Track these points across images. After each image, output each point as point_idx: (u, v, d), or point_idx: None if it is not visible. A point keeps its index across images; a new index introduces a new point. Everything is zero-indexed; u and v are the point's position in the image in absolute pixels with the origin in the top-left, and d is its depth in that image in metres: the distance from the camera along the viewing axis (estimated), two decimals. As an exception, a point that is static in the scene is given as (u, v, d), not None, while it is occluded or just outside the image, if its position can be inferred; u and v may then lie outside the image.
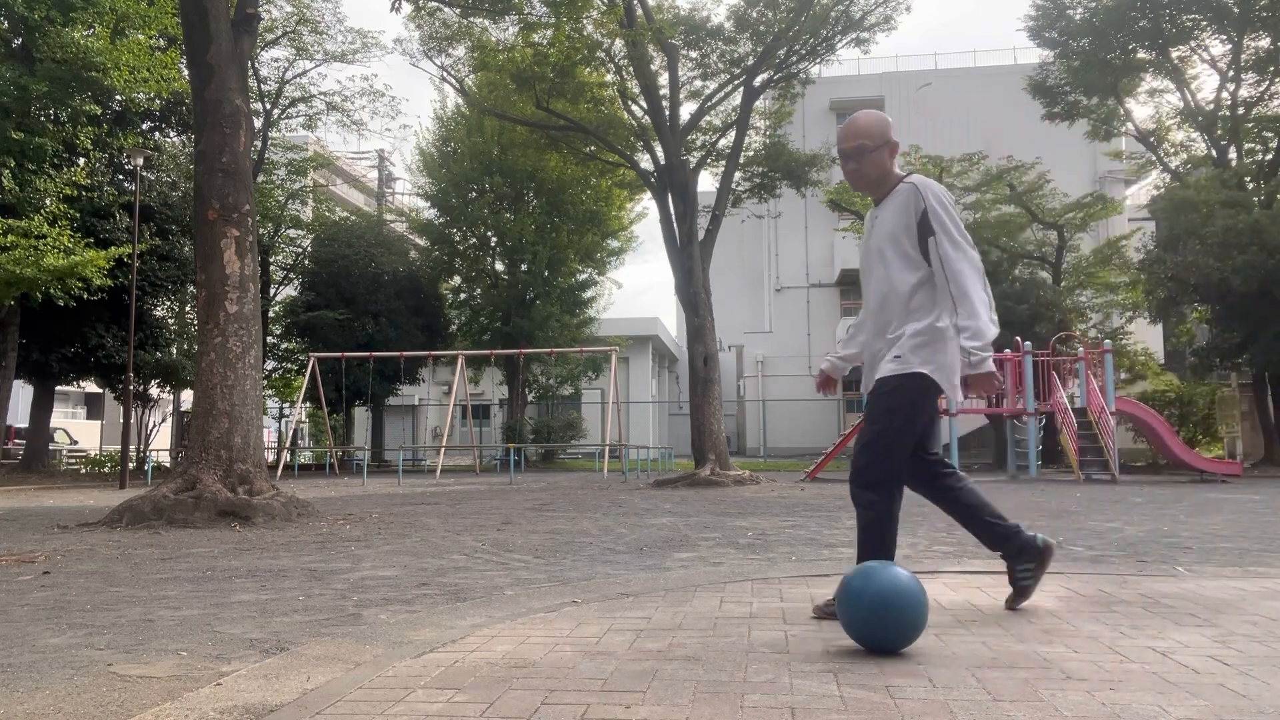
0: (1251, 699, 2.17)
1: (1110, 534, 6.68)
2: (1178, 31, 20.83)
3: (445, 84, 24.54)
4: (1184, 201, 19.46)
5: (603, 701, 2.19)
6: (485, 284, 28.80)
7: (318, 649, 2.89)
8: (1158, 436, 16.68)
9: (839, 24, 17.63)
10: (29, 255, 16.62)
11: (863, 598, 2.69)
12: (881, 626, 2.66)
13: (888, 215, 3.29)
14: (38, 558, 5.89)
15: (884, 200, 3.33)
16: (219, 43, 9.24)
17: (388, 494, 13.37)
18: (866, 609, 2.67)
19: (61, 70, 17.58)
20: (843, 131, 3.35)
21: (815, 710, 2.11)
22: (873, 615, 2.66)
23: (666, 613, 3.34)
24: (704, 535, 6.88)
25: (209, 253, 8.99)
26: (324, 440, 30.33)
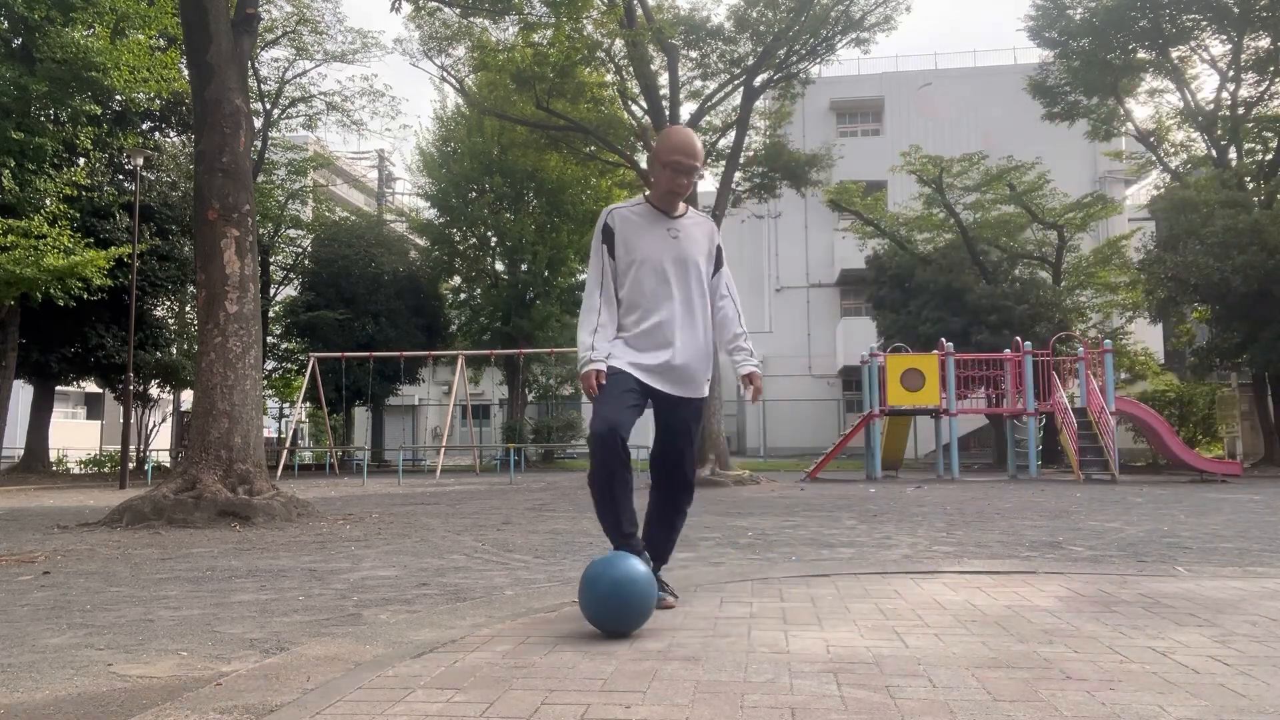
0: (1251, 699, 2.17)
1: (1110, 534, 6.68)
2: (1178, 31, 20.83)
3: (445, 84, 24.58)
4: (1184, 201, 19.46)
5: (603, 701, 2.19)
6: (485, 284, 28.81)
7: (318, 649, 2.89)
8: (1158, 436, 16.68)
9: (839, 24, 17.64)
10: (29, 255, 16.62)
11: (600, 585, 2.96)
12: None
13: (699, 235, 3.54)
14: (38, 558, 5.89)
15: (682, 217, 3.53)
16: (219, 43, 9.24)
17: (388, 494, 13.37)
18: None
19: (61, 70, 17.58)
20: (693, 147, 3.47)
21: (815, 710, 2.11)
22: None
23: (666, 613, 3.34)
24: (704, 535, 6.88)
25: (209, 253, 8.99)
26: (324, 440, 30.33)
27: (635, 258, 3.42)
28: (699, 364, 3.47)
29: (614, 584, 2.91)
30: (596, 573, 2.95)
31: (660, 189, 3.50)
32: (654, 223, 3.48)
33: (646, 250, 3.43)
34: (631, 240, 3.44)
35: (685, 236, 3.49)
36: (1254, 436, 22.52)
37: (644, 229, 3.46)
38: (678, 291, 3.42)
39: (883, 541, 6.22)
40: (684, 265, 3.44)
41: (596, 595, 2.93)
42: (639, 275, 3.41)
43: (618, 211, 3.51)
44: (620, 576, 2.92)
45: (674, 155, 3.44)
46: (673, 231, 3.47)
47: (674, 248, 3.44)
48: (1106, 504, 9.86)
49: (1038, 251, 24.96)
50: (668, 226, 3.48)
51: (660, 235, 3.46)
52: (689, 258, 3.45)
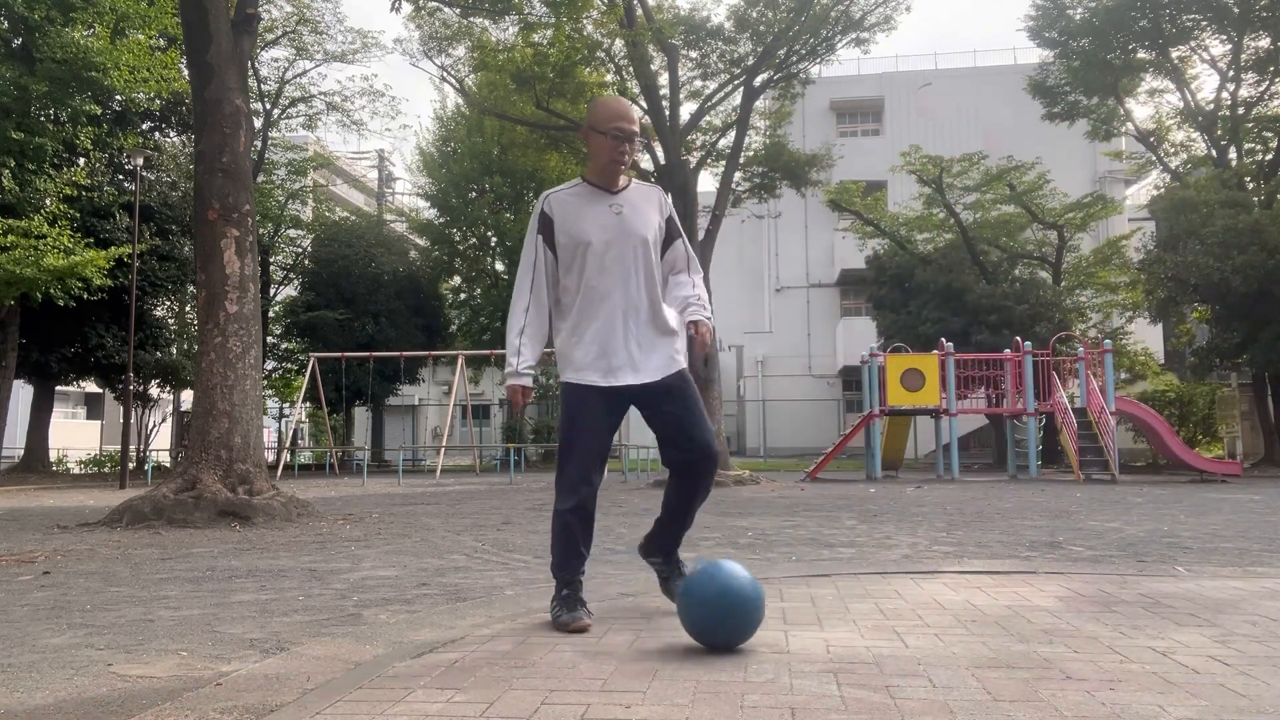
0: (1251, 699, 2.17)
1: (1110, 534, 6.68)
2: (1178, 31, 20.83)
3: (445, 84, 24.58)
4: (1184, 201, 19.46)
5: (603, 701, 2.19)
6: (485, 284, 28.81)
7: (318, 649, 2.89)
8: (1158, 436, 16.68)
9: (839, 24, 17.64)
10: (29, 255, 16.63)
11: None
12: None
13: (646, 208, 3.26)
14: (38, 558, 5.89)
15: (625, 190, 3.26)
16: (219, 43, 9.24)
17: (388, 494, 13.37)
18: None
19: (61, 70, 17.58)
20: (631, 111, 3.25)
21: (815, 710, 2.11)
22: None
23: (666, 613, 3.34)
24: (704, 535, 6.88)
25: (209, 253, 8.99)
26: (324, 440, 30.34)
27: (579, 244, 3.15)
28: (663, 346, 3.21)
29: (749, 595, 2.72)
30: (745, 588, 2.71)
31: (600, 161, 3.23)
32: (595, 202, 3.21)
33: (590, 234, 3.15)
34: (572, 226, 3.17)
35: (631, 211, 3.22)
36: (1254, 436, 22.52)
37: (585, 211, 3.19)
38: (630, 274, 3.17)
39: (883, 541, 6.22)
40: (632, 243, 3.17)
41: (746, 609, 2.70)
42: (584, 262, 3.15)
43: (554, 196, 3.24)
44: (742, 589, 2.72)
45: (614, 122, 3.18)
46: (615, 208, 3.21)
47: (618, 225, 3.18)
48: (1106, 504, 9.86)
49: (1038, 251, 24.96)
50: (609, 203, 3.21)
51: (603, 214, 3.19)
52: (638, 234, 3.18)
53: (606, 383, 3.14)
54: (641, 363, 3.16)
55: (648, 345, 3.18)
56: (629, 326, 3.16)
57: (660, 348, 3.20)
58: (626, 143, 3.19)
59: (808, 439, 32.75)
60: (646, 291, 3.19)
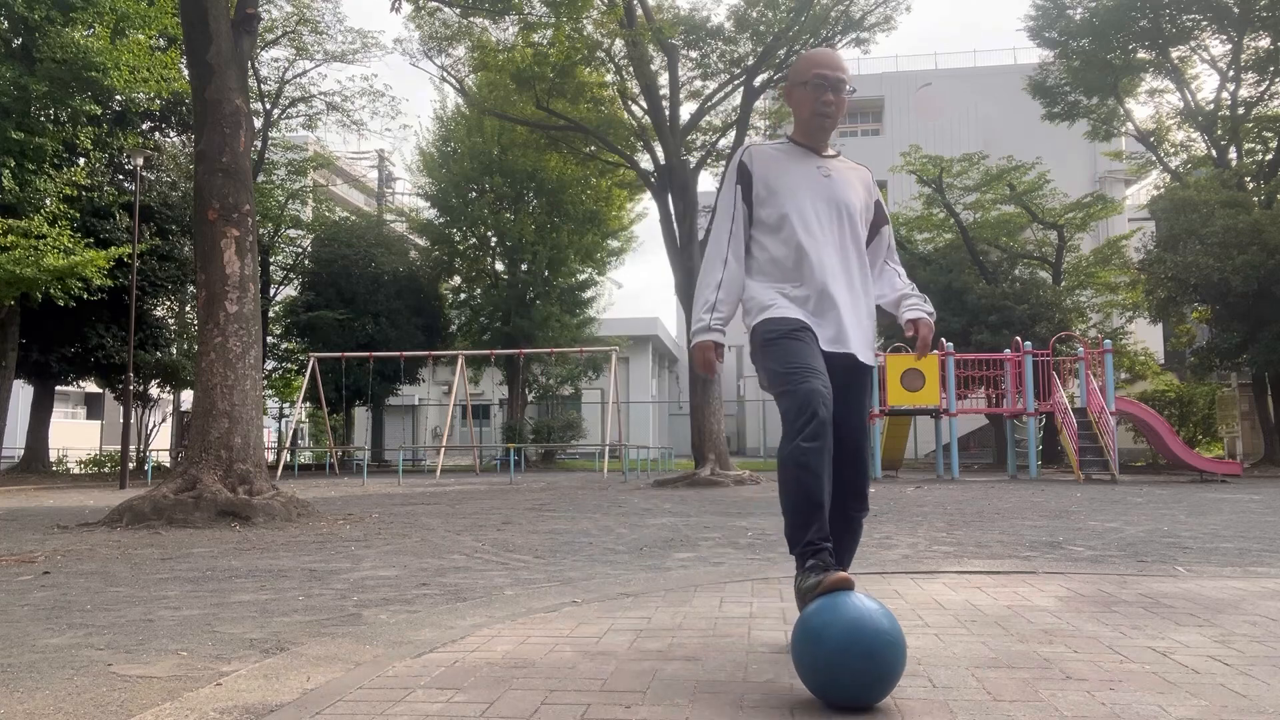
0: (1251, 699, 2.17)
1: (1110, 534, 6.68)
2: (1178, 31, 20.83)
3: (445, 84, 24.58)
4: (1184, 201, 19.46)
5: (603, 701, 2.19)
6: (485, 284, 28.81)
7: (318, 649, 2.89)
8: (1158, 436, 16.68)
9: (839, 24, 17.63)
10: (29, 255, 16.63)
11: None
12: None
13: (855, 181, 2.91)
14: (38, 558, 5.89)
15: (834, 159, 2.92)
16: (219, 43, 9.24)
17: (388, 494, 13.37)
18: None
19: (61, 70, 17.59)
20: (836, 58, 2.87)
21: (815, 710, 2.11)
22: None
23: (666, 613, 3.34)
24: (704, 535, 6.88)
25: (209, 253, 8.98)
26: (324, 440, 30.34)
27: (782, 201, 2.79)
28: (866, 324, 2.82)
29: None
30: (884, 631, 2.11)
31: (803, 116, 2.85)
32: (801, 160, 2.85)
33: (795, 190, 2.79)
34: (776, 180, 2.81)
35: (840, 179, 2.85)
36: (1254, 436, 22.53)
37: (790, 167, 2.84)
38: (835, 239, 2.79)
39: (883, 541, 6.23)
40: (840, 211, 2.80)
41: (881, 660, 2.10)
42: (788, 223, 2.77)
43: (756, 149, 2.89)
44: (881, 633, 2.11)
45: (815, 69, 2.81)
46: (824, 170, 2.85)
47: (827, 188, 2.81)
48: (1106, 504, 9.86)
49: (1038, 251, 24.97)
50: (818, 165, 2.85)
51: (810, 174, 2.83)
52: (846, 202, 2.81)
53: (827, 347, 2.71)
54: (845, 336, 2.74)
55: (851, 316, 2.77)
56: (837, 298, 2.75)
57: (865, 327, 2.82)
58: (831, 92, 2.80)
59: (808, 439, 32.67)
60: (848, 264, 2.80)
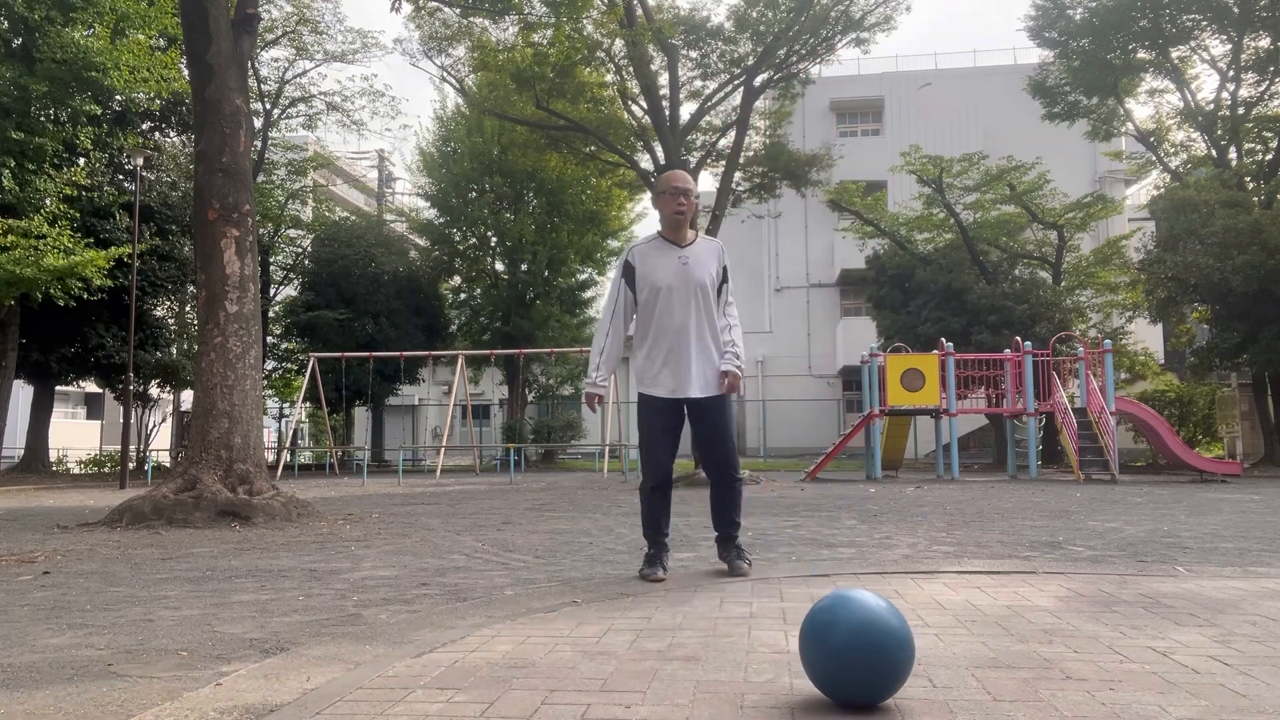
0: (1251, 699, 2.17)
1: (1110, 534, 6.68)
2: (1178, 31, 20.83)
3: (445, 84, 24.58)
4: (1184, 201, 19.45)
5: (603, 701, 2.19)
6: (485, 284, 28.80)
7: (318, 649, 2.89)
8: (1158, 436, 16.67)
9: (839, 24, 17.63)
10: (29, 255, 16.63)
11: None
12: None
13: (708, 258, 4.15)
14: (38, 558, 5.89)
15: (692, 245, 4.15)
16: (219, 43, 9.24)
17: (388, 494, 13.37)
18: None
19: (61, 70, 17.58)
20: (682, 174, 4.21)
21: (815, 711, 2.11)
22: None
23: (666, 613, 3.34)
24: (704, 535, 6.87)
25: (209, 253, 8.98)
26: (324, 440, 30.33)
27: (654, 287, 4.03)
28: (712, 371, 4.11)
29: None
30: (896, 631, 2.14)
31: (666, 218, 4.13)
32: (667, 253, 4.08)
33: (663, 279, 4.04)
34: (649, 273, 4.05)
35: (695, 262, 4.08)
36: (1254, 436, 22.52)
37: (659, 260, 4.07)
38: (691, 314, 4.04)
39: (883, 541, 6.23)
40: (694, 290, 4.05)
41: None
42: (655, 301, 4.04)
43: (637, 249, 4.15)
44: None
45: (669, 184, 4.12)
46: (683, 259, 4.07)
47: (684, 274, 4.04)
48: (1106, 504, 9.85)
49: (1038, 251, 24.95)
50: (679, 255, 4.08)
51: (673, 264, 4.05)
52: (698, 282, 4.06)
53: (672, 396, 4.10)
54: (697, 384, 4.08)
55: (700, 370, 4.09)
56: (691, 356, 4.07)
57: (710, 375, 4.11)
58: (681, 197, 4.09)
59: (808, 439, 32.73)
60: (701, 328, 4.09)
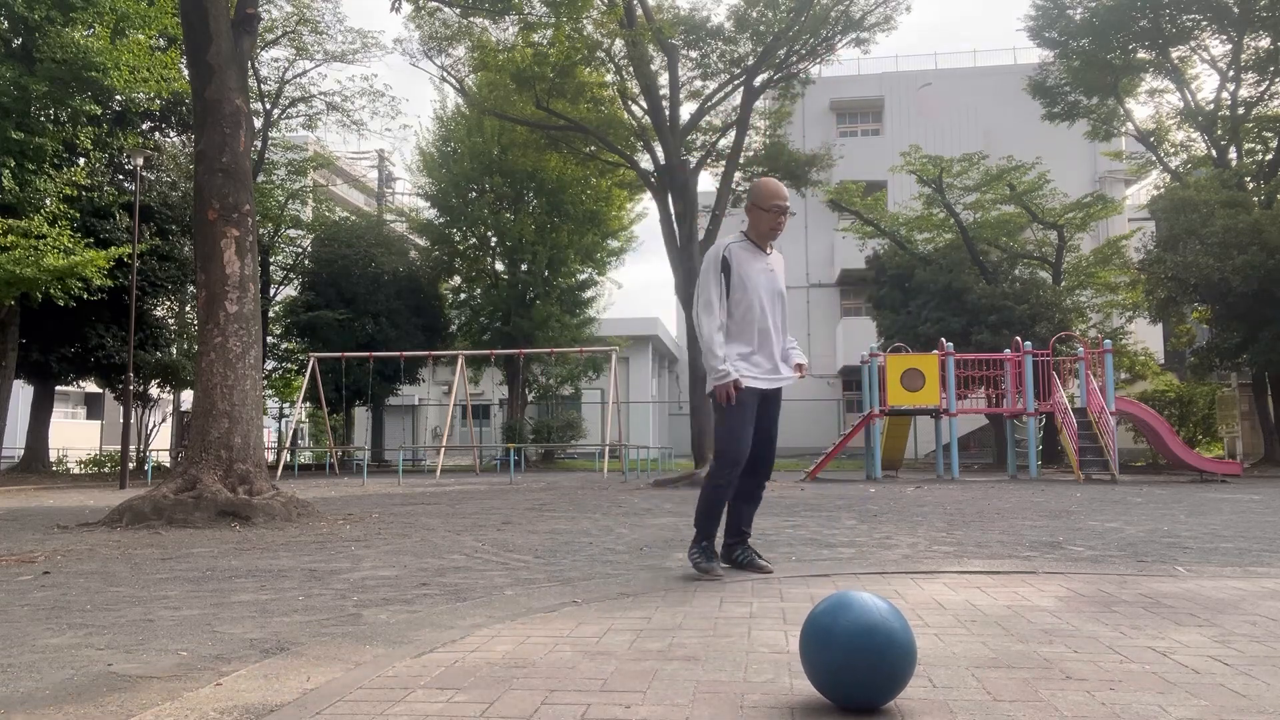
0: (1251, 699, 2.17)
1: (1110, 534, 6.68)
2: (1178, 31, 20.83)
3: (445, 84, 24.58)
4: (1184, 201, 19.45)
5: (603, 701, 2.19)
6: (485, 284, 28.80)
7: (318, 649, 2.90)
8: (1158, 436, 16.67)
9: (839, 24, 17.63)
10: (29, 255, 16.62)
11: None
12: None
13: (780, 269, 4.41)
14: (38, 558, 5.89)
15: (770, 255, 4.37)
16: (219, 43, 9.24)
17: (388, 494, 13.37)
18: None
19: (61, 70, 17.58)
20: (785, 192, 4.31)
21: (815, 711, 2.11)
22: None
23: (666, 613, 3.34)
24: (704, 535, 6.87)
25: (209, 253, 8.98)
26: (324, 440, 30.33)
27: (747, 288, 4.20)
28: (785, 371, 4.39)
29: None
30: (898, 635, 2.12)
31: (761, 230, 4.27)
32: (757, 258, 4.27)
33: (755, 282, 4.22)
34: (744, 273, 4.21)
35: (777, 272, 4.35)
36: (1254, 436, 22.52)
37: (752, 264, 4.25)
38: (776, 319, 4.29)
39: (883, 541, 6.23)
40: (777, 297, 4.32)
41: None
42: (749, 303, 4.20)
43: (733, 247, 4.27)
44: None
45: (774, 200, 4.23)
46: (769, 267, 4.30)
47: (771, 281, 4.29)
48: (1106, 504, 9.85)
49: (1038, 251, 24.95)
50: (765, 263, 4.29)
51: (762, 270, 4.26)
52: (779, 291, 4.33)
53: (767, 381, 4.26)
54: (774, 379, 4.31)
55: (779, 367, 4.35)
56: (775, 355, 4.30)
57: (785, 371, 4.38)
58: (783, 217, 4.28)
59: (808, 439, 32.73)
60: (780, 331, 4.34)
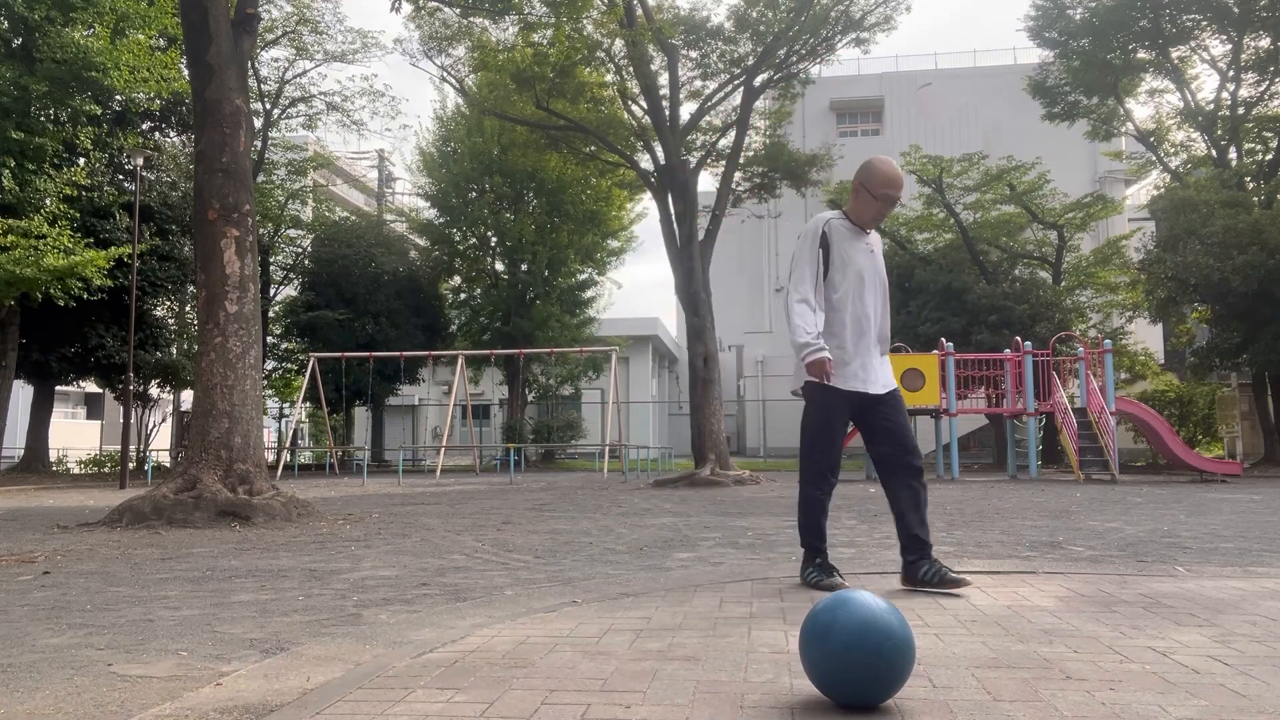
0: (1251, 699, 2.17)
1: (1110, 534, 6.68)
2: (1178, 31, 20.82)
3: (445, 84, 24.57)
4: (1184, 201, 19.45)
5: (603, 701, 2.19)
6: (485, 284, 28.80)
7: (318, 649, 2.90)
8: (1158, 436, 16.67)
9: (839, 24, 17.63)
10: (29, 255, 16.62)
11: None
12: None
13: (879, 249, 4.05)
14: (38, 558, 5.89)
15: (870, 235, 4.01)
16: (219, 43, 9.24)
17: (388, 494, 13.37)
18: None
19: (61, 70, 17.58)
20: (901, 179, 3.89)
21: (815, 711, 2.11)
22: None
23: (666, 613, 3.34)
24: (704, 535, 6.88)
25: (209, 253, 8.98)
26: (324, 440, 30.33)
27: (846, 267, 3.88)
28: (885, 366, 3.95)
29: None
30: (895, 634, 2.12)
31: (866, 215, 3.92)
32: (858, 238, 3.95)
33: (856, 264, 3.90)
34: (844, 252, 3.90)
35: (876, 252, 4.02)
36: (1254, 436, 22.52)
37: (853, 242, 3.93)
38: (876, 305, 3.94)
39: (883, 541, 6.22)
40: (878, 281, 3.98)
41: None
42: (847, 285, 3.87)
43: (833, 223, 3.94)
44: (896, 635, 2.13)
45: (886, 189, 3.85)
46: (869, 247, 3.97)
47: (872, 263, 3.96)
48: (1106, 504, 9.85)
49: (1038, 251, 24.96)
50: (865, 242, 3.96)
51: (863, 250, 3.94)
52: (880, 273, 4.00)
53: (849, 387, 3.83)
54: (877, 379, 3.88)
55: (880, 360, 3.93)
56: (872, 344, 3.90)
57: (885, 366, 3.95)
58: (892, 207, 3.94)
59: (808, 439, 32.68)
60: (880, 315, 3.96)
